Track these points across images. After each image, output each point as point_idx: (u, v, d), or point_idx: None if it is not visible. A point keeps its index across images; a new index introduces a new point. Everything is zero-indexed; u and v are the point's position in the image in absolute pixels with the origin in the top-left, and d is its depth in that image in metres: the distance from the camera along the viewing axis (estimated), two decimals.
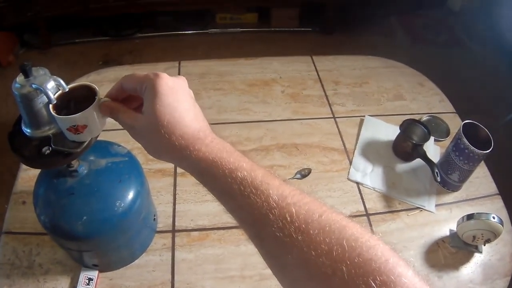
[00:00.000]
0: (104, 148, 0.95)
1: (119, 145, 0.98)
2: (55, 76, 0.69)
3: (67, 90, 0.69)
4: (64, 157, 0.73)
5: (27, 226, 1.09)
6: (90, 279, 1.00)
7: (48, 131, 0.73)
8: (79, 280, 0.99)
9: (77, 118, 0.65)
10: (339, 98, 1.51)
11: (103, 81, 1.51)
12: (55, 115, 0.64)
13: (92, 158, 0.90)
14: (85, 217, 0.85)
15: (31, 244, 1.07)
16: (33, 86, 0.66)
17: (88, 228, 0.85)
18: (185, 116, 0.58)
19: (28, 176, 1.19)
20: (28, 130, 0.73)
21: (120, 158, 0.93)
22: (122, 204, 0.88)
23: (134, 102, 0.67)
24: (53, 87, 0.68)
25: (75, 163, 0.84)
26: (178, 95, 0.59)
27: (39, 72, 0.69)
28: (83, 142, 0.73)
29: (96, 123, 0.69)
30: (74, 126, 0.66)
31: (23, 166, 1.22)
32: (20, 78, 0.68)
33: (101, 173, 0.89)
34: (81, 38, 3.23)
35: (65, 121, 0.66)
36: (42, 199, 0.88)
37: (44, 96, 0.68)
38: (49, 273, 1.02)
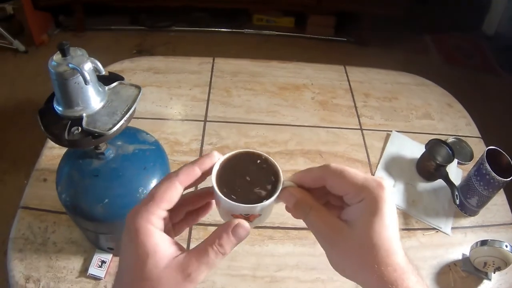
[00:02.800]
0: (132, 134, 0.96)
1: (148, 133, 0.99)
2: (92, 58, 0.70)
3: (231, 154, 0.53)
4: (94, 138, 0.74)
5: (46, 204, 1.10)
6: (103, 262, 1.00)
7: (80, 111, 0.74)
8: (92, 261, 1.00)
9: (255, 208, 0.49)
10: (368, 110, 1.50)
11: (136, 70, 1.53)
12: (223, 197, 0.48)
13: (119, 143, 0.91)
14: (106, 200, 0.85)
15: (48, 222, 1.08)
16: (70, 65, 0.67)
17: (109, 211, 0.86)
18: (398, 243, 0.46)
19: (52, 154, 1.21)
20: (60, 109, 0.74)
21: (147, 146, 0.94)
22: (145, 191, 0.88)
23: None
24: (90, 68, 0.69)
25: (102, 146, 0.85)
26: (394, 212, 0.47)
27: (77, 53, 0.70)
28: (115, 124, 0.74)
29: (270, 211, 0.53)
30: (247, 215, 0.50)
31: (48, 144, 1.23)
32: (57, 57, 0.69)
33: (127, 159, 0.90)
34: (116, 26, 3.27)
35: (236, 208, 0.49)
36: (66, 178, 0.89)
37: (80, 77, 0.68)
38: (62, 251, 1.03)
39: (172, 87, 1.49)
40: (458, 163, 1.36)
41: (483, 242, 1.03)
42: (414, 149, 1.36)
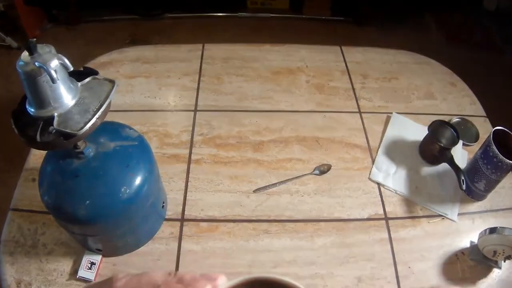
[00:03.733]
0: (114, 130, 0.91)
1: (131, 128, 0.94)
2: (60, 55, 0.67)
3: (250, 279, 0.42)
4: (65, 139, 0.70)
5: (35, 204, 1.07)
6: (92, 263, 0.97)
7: (51, 111, 0.70)
8: (82, 263, 0.97)
9: None
10: (367, 92, 1.44)
11: (125, 60, 1.48)
12: None
13: (101, 140, 0.86)
14: (88, 201, 0.81)
15: (37, 223, 1.05)
16: (37, 64, 0.64)
17: (91, 212, 0.82)
18: None
19: (40, 153, 1.14)
20: (32, 110, 0.70)
21: (129, 142, 0.89)
22: (128, 190, 0.84)
23: None
24: (56, 65, 0.65)
25: (81, 145, 0.81)
26: None
27: (44, 50, 0.66)
28: (87, 123, 0.69)
29: None
30: None
31: None
32: (24, 55, 0.65)
33: (108, 157, 0.85)
34: (109, 16, 3.22)
35: None
36: (47, 179, 0.85)
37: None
38: (52, 254, 1.00)
39: (161, 76, 1.43)
40: (463, 144, 1.30)
41: (492, 230, 0.97)
42: (416, 132, 1.30)
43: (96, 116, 0.71)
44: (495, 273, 1.04)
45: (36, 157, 1.17)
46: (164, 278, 0.42)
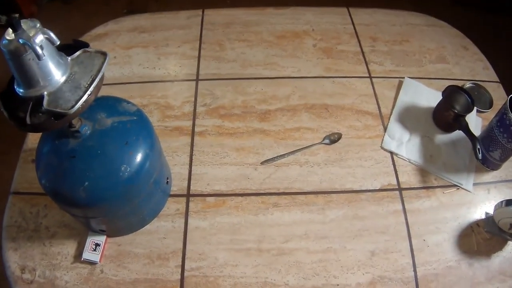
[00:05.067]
0: (111, 105, 0.86)
1: (129, 102, 0.89)
2: (45, 29, 0.62)
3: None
4: (57, 119, 0.65)
5: (35, 186, 1.01)
6: (97, 245, 0.94)
7: (41, 89, 0.65)
8: (86, 245, 0.94)
9: None
10: (377, 56, 1.37)
11: (121, 31, 1.41)
12: None
13: (97, 117, 0.82)
14: (87, 183, 0.77)
15: (39, 205, 1.02)
16: (20, 41, 0.59)
17: (91, 194, 0.78)
18: None
19: (38, 133, 1.12)
20: (21, 90, 0.66)
21: (128, 117, 0.84)
22: (128, 169, 0.79)
23: None
24: (42, 40, 0.61)
25: (76, 123, 0.76)
26: None
27: (29, 25, 0.61)
28: (78, 101, 0.64)
29: None
30: None
31: None
32: (8, 33, 0.61)
33: (106, 134, 0.81)
34: None
35: None
36: (43, 162, 0.81)
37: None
38: (56, 236, 0.97)
39: (159, 46, 1.36)
40: (477, 111, 1.24)
41: (509, 202, 0.93)
42: (429, 97, 1.24)
43: (88, 92, 0.66)
44: (511, 246, 1.01)
45: (35, 136, 1.11)
46: None
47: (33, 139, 1.12)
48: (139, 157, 0.81)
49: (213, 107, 1.20)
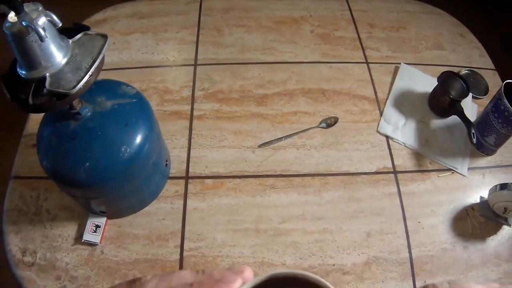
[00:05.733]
0: (111, 88, 0.87)
1: (128, 85, 0.90)
2: (48, 11, 0.62)
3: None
4: (59, 100, 0.66)
5: (36, 170, 1.04)
6: (97, 226, 0.96)
7: (43, 71, 0.66)
8: (86, 227, 0.95)
9: None
10: (374, 42, 1.38)
11: (120, 17, 1.41)
12: None
13: (97, 99, 0.83)
14: (87, 164, 0.78)
15: (39, 189, 1.03)
16: (23, 23, 0.60)
17: (91, 175, 0.79)
18: None
19: (38, 118, 1.12)
20: (23, 72, 0.67)
21: (127, 100, 0.85)
22: (128, 150, 0.81)
23: None
24: (44, 23, 0.61)
25: (77, 105, 0.77)
26: None
27: (31, 8, 0.62)
28: (80, 81, 0.66)
29: None
30: None
31: None
32: (11, 16, 0.61)
33: (106, 116, 0.82)
34: None
35: None
36: (45, 144, 0.82)
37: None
38: (56, 219, 0.99)
39: (158, 31, 1.37)
40: (473, 97, 1.25)
41: (503, 186, 0.95)
42: (425, 83, 1.25)
43: (89, 73, 0.67)
44: (505, 230, 1.03)
45: (35, 122, 1.13)
46: (194, 277, 0.40)
47: (33, 125, 1.13)
48: (138, 138, 0.82)
49: (211, 91, 1.21)
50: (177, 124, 1.14)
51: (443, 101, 1.16)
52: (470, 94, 1.22)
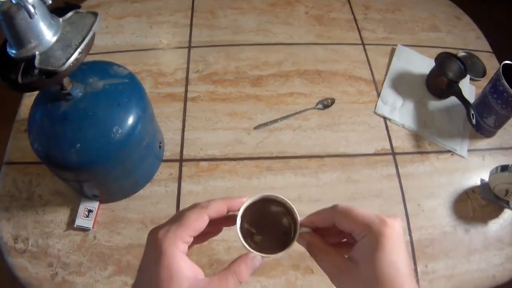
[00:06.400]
0: (102, 69, 0.85)
1: (120, 66, 0.87)
2: None
3: (254, 201, 0.55)
4: (48, 77, 0.64)
5: (28, 155, 1.02)
6: (90, 211, 0.93)
7: (33, 49, 0.64)
8: (79, 212, 0.93)
9: (271, 256, 0.52)
10: (370, 23, 1.36)
11: (113, 2, 1.38)
12: (247, 246, 0.51)
13: (89, 80, 0.80)
14: (78, 145, 0.76)
15: (32, 174, 1.00)
16: (13, 1, 0.59)
17: (83, 156, 0.77)
18: (406, 278, 0.46)
19: (31, 102, 1.10)
20: (13, 51, 0.65)
21: (119, 80, 0.83)
22: (120, 130, 0.78)
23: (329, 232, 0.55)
24: (34, 0, 0.60)
25: (68, 85, 0.75)
26: (401, 250, 0.47)
27: None
28: (69, 58, 0.64)
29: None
30: (267, 257, 0.51)
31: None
32: None
33: (97, 96, 0.79)
34: None
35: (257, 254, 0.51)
36: (36, 126, 0.80)
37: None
38: (49, 204, 0.96)
39: (151, 15, 1.34)
40: (470, 79, 1.24)
41: (504, 168, 0.93)
42: (422, 64, 1.23)
43: (79, 50, 0.65)
44: (507, 213, 1.02)
45: (27, 107, 1.08)
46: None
47: (25, 110, 1.10)
48: (131, 119, 0.80)
49: (205, 73, 1.19)
50: (171, 106, 1.11)
51: (440, 82, 1.14)
52: (468, 76, 1.20)
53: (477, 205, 1.02)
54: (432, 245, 0.96)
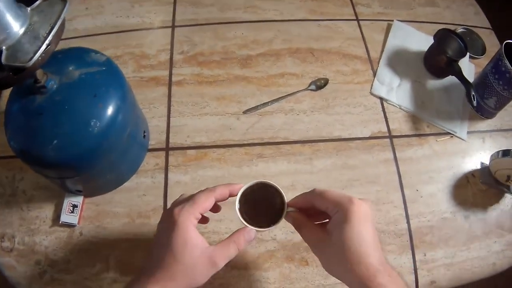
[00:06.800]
0: (78, 57, 0.79)
1: (98, 52, 0.81)
2: None
3: (251, 185, 0.68)
4: (15, 74, 0.59)
5: (10, 149, 0.96)
6: (74, 206, 0.89)
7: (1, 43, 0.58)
8: (63, 207, 0.89)
9: (265, 230, 0.66)
10: None
11: None
12: (244, 222, 0.65)
13: (64, 70, 0.75)
14: (55, 141, 0.71)
15: (14, 169, 0.95)
16: None
17: (61, 153, 0.72)
18: (371, 247, 0.58)
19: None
20: None
21: (96, 68, 0.77)
22: (98, 124, 0.73)
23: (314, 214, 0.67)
24: None
25: (42, 78, 0.69)
26: (367, 225, 0.58)
27: None
28: (37, 52, 0.58)
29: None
30: (260, 230, 0.66)
31: None
32: None
33: (73, 88, 0.74)
34: None
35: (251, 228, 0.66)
36: (11, 122, 0.74)
37: None
38: (33, 200, 0.91)
39: None
40: (470, 57, 1.18)
41: (505, 153, 0.90)
42: (420, 41, 1.18)
43: (46, 42, 0.59)
44: (508, 199, 0.98)
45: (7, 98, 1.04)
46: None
47: (5, 101, 1.03)
48: (109, 110, 0.74)
49: (190, 54, 1.12)
50: (155, 91, 1.05)
51: (439, 60, 1.08)
52: (468, 54, 1.14)
53: (477, 190, 0.98)
54: (431, 232, 0.93)
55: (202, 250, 0.60)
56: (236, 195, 0.66)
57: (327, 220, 0.64)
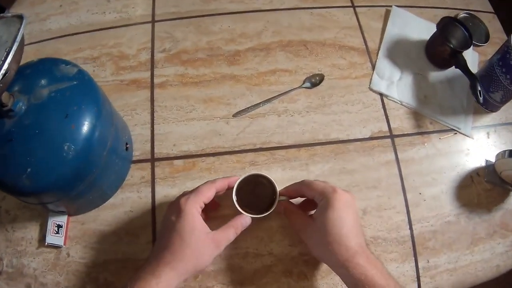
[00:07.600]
0: (47, 71, 0.72)
1: (68, 63, 0.74)
2: None
3: (246, 177, 0.78)
4: None
5: None
6: (59, 226, 0.84)
7: None
8: (48, 228, 0.84)
9: (259, 217, 0.77)
10: None
11: None
12: (240, 209, 0.76)
13: (33, 87, 0.68)
14: (29, 169, 0.65)
15: None
16: None
17: (36, 181, 0.66)
18: (351, 232, 0.68)
19: None
20: None
21: (66, 83, 0.70)
22: (73, 147, 0.67)
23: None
24: None
25: (8, 101, 0.63)
26: (349, 211, 0.69)
27: None
28: None
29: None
30: (255, 217, 0.77)
31: None
32: None
33: (43, 108, 0.67)
34: None
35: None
36: None
37: None
38: (17, 220, 0.86)
39: None
40: (473, 45, 1.10)
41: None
42: (421, 29, 1.10)
43: (3, 70, 0.52)
44: None
45: None
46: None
47: None
48: (84, 130, 0.68)
49: (173, 52, 1.04)
50: (136, 96, 0.98)
51: (443, 51, 1.01)
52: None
53: (481, 190, 0.93)
54: (435, 237, 0.88)
55: (206, 235, 0.70)
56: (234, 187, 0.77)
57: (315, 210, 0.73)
